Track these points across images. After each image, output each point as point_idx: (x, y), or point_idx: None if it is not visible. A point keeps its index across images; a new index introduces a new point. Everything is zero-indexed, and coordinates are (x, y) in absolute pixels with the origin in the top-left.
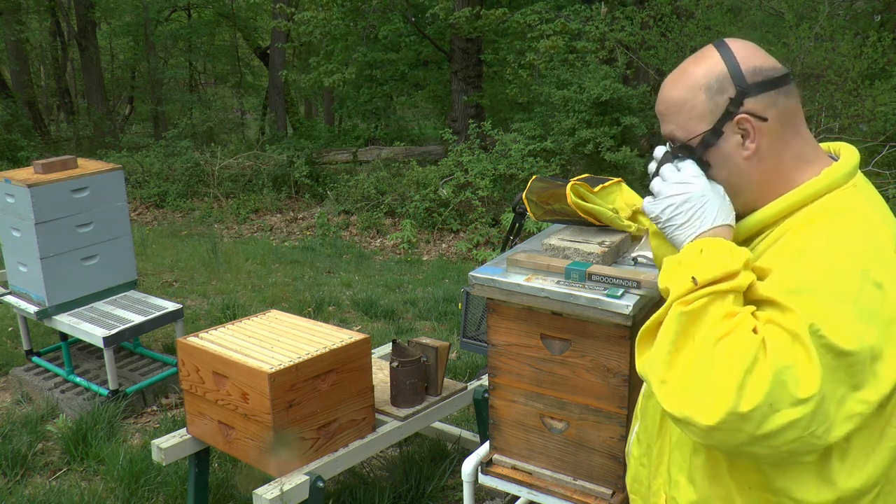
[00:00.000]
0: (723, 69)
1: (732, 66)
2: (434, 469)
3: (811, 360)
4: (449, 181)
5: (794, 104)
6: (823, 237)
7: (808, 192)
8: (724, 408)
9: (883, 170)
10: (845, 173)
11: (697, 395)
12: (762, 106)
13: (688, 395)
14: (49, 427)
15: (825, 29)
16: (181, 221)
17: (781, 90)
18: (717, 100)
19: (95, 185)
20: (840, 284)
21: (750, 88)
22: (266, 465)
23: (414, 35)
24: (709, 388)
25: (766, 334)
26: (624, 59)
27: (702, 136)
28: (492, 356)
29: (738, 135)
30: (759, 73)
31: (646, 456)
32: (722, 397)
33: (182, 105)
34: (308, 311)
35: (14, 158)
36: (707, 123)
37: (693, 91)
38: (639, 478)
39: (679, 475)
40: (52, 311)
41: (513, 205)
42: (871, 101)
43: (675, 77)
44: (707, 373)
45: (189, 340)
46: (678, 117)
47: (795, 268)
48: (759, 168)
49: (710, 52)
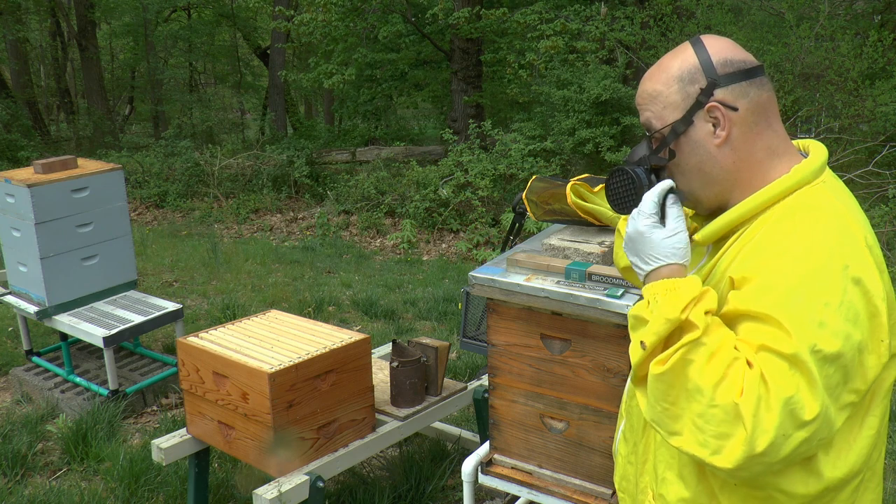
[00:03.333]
0: (695, 62)
1: (704, 58)
2: (434, 469)
3: (812, 382)
4: (449, 181)
5: (767, 96)
6: (798, 236)
7: (778, 190)
8: (741, 453)
9: (883, 170)
10: (814, 170)
11: (712, 444)
12: (732, 96)
13: (702, 446)
14: (49, 427)
15: (825, 29)
16: (181, 221)
17: (753, 81)
18: (689, 90)
19: (95, 185)
20: (824, 287)
21: (720, 79)
22: (266, 465)
23: (414, 35)
24: (721, 437)
25: (762, 366)
26: (624, 59)
27: (673, 124)
28: (492, 356)
29: (709, 123)
30: (729, 64)
31: (633, 454)
32: (736, 445)
33: (182, 105)
34: (308, 311)
35: (14, 158)
36: (679, 112)
37: (667, 83)
38: (627, 476)
39: (667, 472)
40: (52, 311)
41: (513, 205)
42: (872, 101)
43: (653, 70)
44: (716, 425)
45: (189, 340)
46: (653, 106)
47: (777, 274)
48: (731, 157)
49: (685, 48)
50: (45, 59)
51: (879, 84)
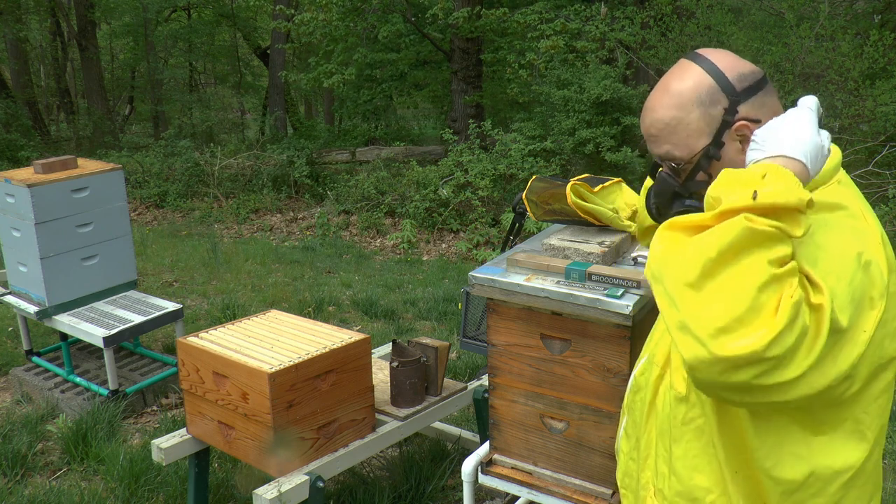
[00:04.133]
0: (710, 82)
1: (719, 76)
2: (434, 469)
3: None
4: (449, 181)
5: (776, 100)
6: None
7: None
8: (750, 348)
9: (883, 170)
10: (828, 170)
11: (727, 321)
12: (754, 109)
13: (715, 317)
14: (49, 427)
15: (825, 29)
16: (181, 221)
17: (765, 90)
18: (712, 112)
19: (95, 185)
20: (842, 265)
21: (741, 95)
22: (266, 465)
23: (414, 35)
24: (741, 324)
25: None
26: (624, 59)
27: (704, 150)
28: (492, 356)
29: (736, 141)
30: (744, 78)
31: (635, 450)
32: (753, 341)
33: (182, 105)
34: (308, 311)
35: (14, 158)
36: (707, 137)
37: (685, 108)
38: (629, 472)
39: (664, 466)
40: (52, 311)
41: (513, 205)
42: (872, 100)
43: (660, 97)
44: (746, 307)
45: (189, 340)
46: (674, 136)
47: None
48: None
49: (690, 67)
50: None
51: (880, 84)
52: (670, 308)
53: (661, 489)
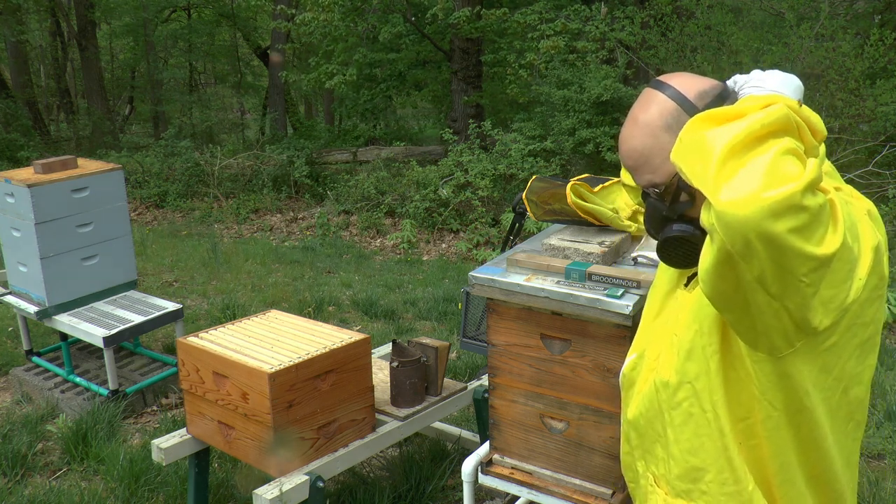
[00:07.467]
0: (673, 106)
1: (681, 99)
2: (434, 469)
3: (838, 226)
4: (449, 181)
5: None
6: None
7: None
8: (788, 191)
9: (883, 170)
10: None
11: (770, 177)
12: None
13: (757, 173)
14: (49, 427)
15: (826, 29)
16: (181, 221)
17: (727, 101)
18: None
19: (95, 185)
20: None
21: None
22: (266, 465)
23: (414, 35)
24: (780, 179)
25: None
26: (624, 59)
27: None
28: (492, 356)
29: None
30: (705, 95)
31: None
32: (791, 186)
33: (182, 105)
34: (308, 311)
35: (14, 158)
36: None
37: (654, 135)
38: (629, 465)
39: (662, 451)
40: (52, 311)
41: (513, 205)
42: (872, 100)
43: (630, 129)
44: (784, 167)
45: (189, 340)
46: (650, 164)
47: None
48: None
49: (654, 95)
50: (45, 59)
51: (880, 84)
52: (717, 165)
53: (664, 475)
